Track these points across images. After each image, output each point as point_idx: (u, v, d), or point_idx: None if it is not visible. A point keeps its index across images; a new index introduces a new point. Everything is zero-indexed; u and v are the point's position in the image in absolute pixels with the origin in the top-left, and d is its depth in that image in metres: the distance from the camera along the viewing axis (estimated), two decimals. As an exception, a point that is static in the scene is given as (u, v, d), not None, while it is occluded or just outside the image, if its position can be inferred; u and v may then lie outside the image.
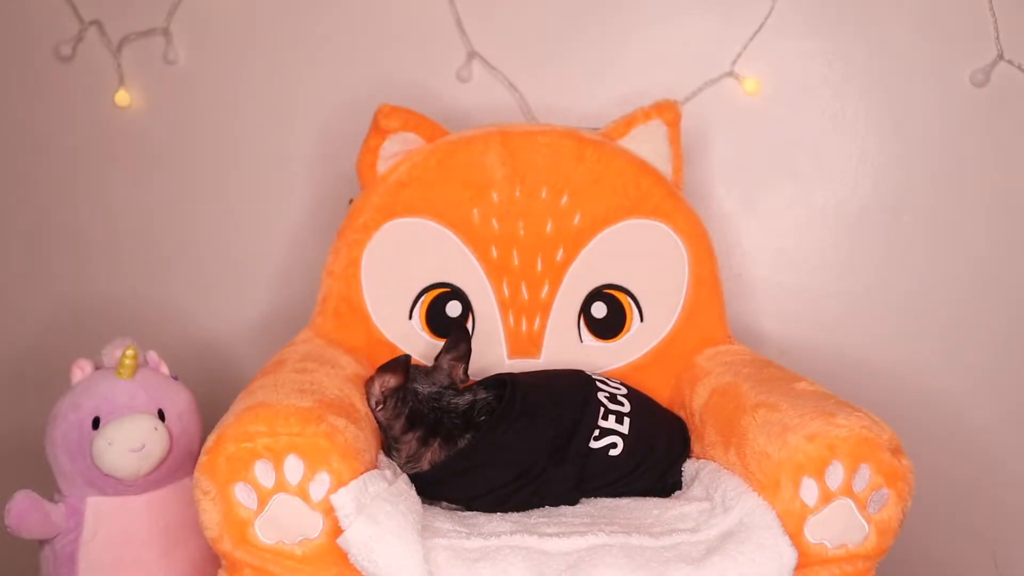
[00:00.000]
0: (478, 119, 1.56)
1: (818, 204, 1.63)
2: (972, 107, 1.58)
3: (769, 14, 1.58)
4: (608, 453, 1.17)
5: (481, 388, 1.23)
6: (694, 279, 1.37)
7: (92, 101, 1.63)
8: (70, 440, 1.22)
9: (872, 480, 1.00)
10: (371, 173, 1.37)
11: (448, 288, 1.35)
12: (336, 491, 0.96)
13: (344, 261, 1.35)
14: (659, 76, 1.60)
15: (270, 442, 0.96)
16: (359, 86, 1.60)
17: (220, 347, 1.67)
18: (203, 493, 0.97)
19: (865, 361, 1.62)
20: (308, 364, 1.17)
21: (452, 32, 1.60)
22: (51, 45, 1.61)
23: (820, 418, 1.02)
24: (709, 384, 1.24)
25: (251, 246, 1.66)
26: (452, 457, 1.15)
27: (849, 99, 1.60)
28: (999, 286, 1.62)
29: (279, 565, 0.97)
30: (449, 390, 1.21)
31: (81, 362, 1.27)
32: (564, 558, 0.97)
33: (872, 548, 1.02)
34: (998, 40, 1.55)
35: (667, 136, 1.41)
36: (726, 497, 1.05)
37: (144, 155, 1.65)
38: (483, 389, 1.23)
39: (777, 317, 1.64)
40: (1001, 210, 1.61)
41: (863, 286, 1.63)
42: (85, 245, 1.67)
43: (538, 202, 1.35)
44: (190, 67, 1.63)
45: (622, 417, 1.20)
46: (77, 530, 1.23)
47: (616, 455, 1.17)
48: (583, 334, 1.36)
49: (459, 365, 1.24)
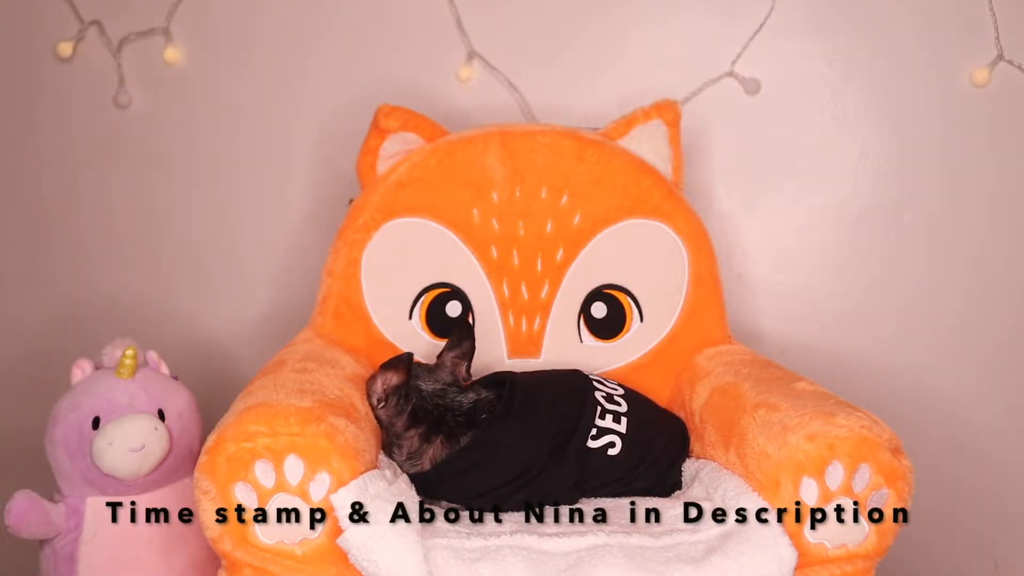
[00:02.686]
0: (478, 119, 1.56)
1: (818, 204, 1.63)
2: (972, 107, 1.58)
3: (769, 14, 1.58)
4: (607, 452, 1.17)
5: (481, 387, 1.23)
6: (694, 279, 1.37)
7: (92, 101, 1.63)
8: (70, 440, 1.22)
9: (872, 480, 1.00)
10: (371, 173, 1.37)
11: (448, 288, 1.35)
12: (336, 491, 0.96)
13: (344, 261, 1.35)
14: (659, 76, 1.60)
15: (270, 442, 0.96)
16: (359, 86, 1.60)
17: (220, 347, 1.67)
18: (203, 493, 0.97)
19: (865, 361, 1.62)
20: (308, 364, 1.17)
21: (452, 32, 1.60)
22: (51, 45, 1.61)
23: (820, 418, 1.02)
24: (709, 384, 1.24)
25: (251, 246, 1.67)
26: (453, 456, 1.15)
27: (849, 99, 1.60)
28: (999, 286, 1.62)
29: (279, 565, 0.97)
30: (453, 387, 1.21)
31: (81, 362, 1.27)
32: (564, 558, 0.97)
33: (872, 548, 1.02)
34: (998, 40, 1.55)
35: (667, 136, 1.41)
36: (726, 497, 1.05)
37: (144, 155, 1.65)
38: (483, 388, 1.23)
39: (777, 317, 1.64)
40: (1001, 210, 1.61)
41: (863, 286, 1.63)
42: (85, 245, 1.67)
43: (538, 202, 1.35)
44: (190, 67, 1.63)
45: (619, 417, 1.20)
46: (77, 530, 1.23)
47: (615, 454, 1.18)
48: (583, 334, 1.36)
49: (462, 363, 1.24)
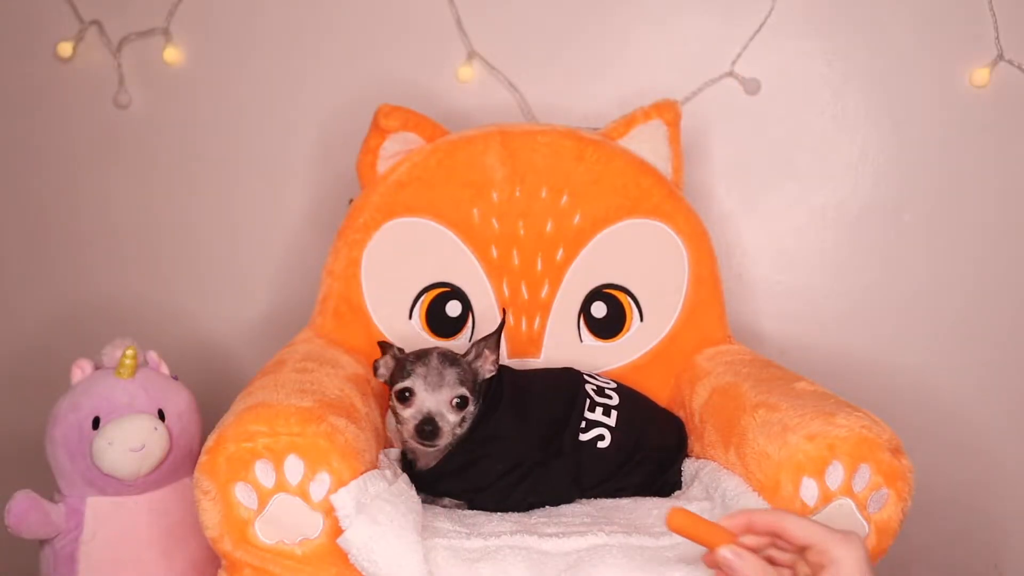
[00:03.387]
0: (478, 119, 1.56)
1: (818, 204, 1.63)
2: (972, 107, 1.58)
3: (769, 14, 1.58)
4: (596, 445, 1.18)
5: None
6: (694, 279, 1.37)
7: (92, 101, 1.63)
8: (70, 440, 1.22)
9: (872, 480, 1.00)
10: (371, 173, 1.37)
11: (448, 288, 1.35)
12: (336, 491, 0.96)
13: (344, 261, 1.35)
14: (659, 76, 1.60)
15: (270, 442, 0.96)
16: (359, 86, 1.60)
17: (220, 347, 1.67)
18: (203, 493, 0.97)
19: (865, 361, 1.62)
20: (308, 364, 1.17)
21: (452, 32, 1.60)
22: (51, 45, 1.61)
23: (820, 418, 1.02)
24: (709, 384, 1.24)
25: (251, 246, 1.67)
26: (450, 452, 1.15)
27: (849, 99, 1.60)
28: (999, 286, 1.62)
29: (279, 565, 0.97)
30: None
31: (81, 362, 1.27)
32: (564, 558, 0.97)
33: (872, 548, 1.02)
34: (998, 40, 1.55)
35: (667, 136, 1.41)
36: (726, 497, 1.05)
37: (144, 155, 1.65)
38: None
39: (777, 317, 1.64)
40: (1001, 210, 1.61)
41: (863, 286, 1.63)
42: (85, 245, 1.67)
43: (538, 202, 1.35)
44: (190, 67, 1.63)
45: (609, 410, 1.20)
46: (77, 530, 1.23)
47: (604, 447, 1.18)
48: (583, 334, 1.36)
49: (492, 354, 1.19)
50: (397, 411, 1.12)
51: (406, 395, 1.11)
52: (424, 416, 1.09)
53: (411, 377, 1.11)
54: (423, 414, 1.09)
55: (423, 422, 1.09)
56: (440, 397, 1.10)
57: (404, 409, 1.11)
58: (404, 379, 1.11)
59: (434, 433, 1.09)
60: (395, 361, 1.16)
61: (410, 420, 1.10)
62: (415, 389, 1.10)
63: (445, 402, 1.11)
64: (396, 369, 1.14)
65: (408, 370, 1.12)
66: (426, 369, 1.11)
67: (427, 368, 1.11)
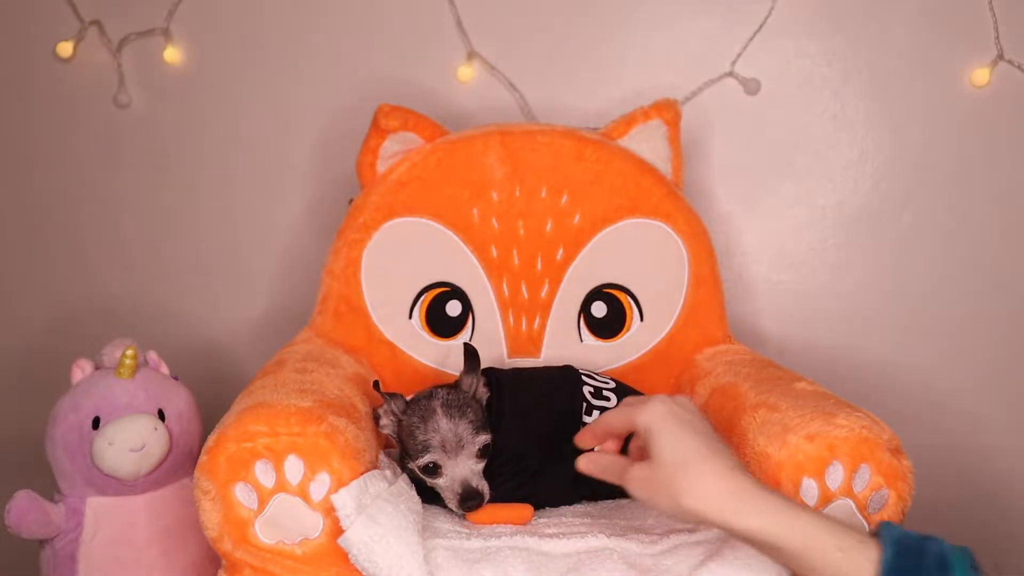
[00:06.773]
0: (478, 119, 1.56)
1: (818, 204, 1.63)
2: (972, 107, 1.58)
3: (769, 14, 1.58)
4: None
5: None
6: (694, 279, 1.37)
7: (92, 101, 1.63)
8: (70, 440, 1.22)
9: (872, 480, 1.00)
10: (371, 173, 1.37)
11: (448, 287, 1.35)
12: (336, 491, 0.96)
13: (344, 261, 1.35)
14: (659, 76, 1.60)
15: (270, 442, 0.96)
16: (359, 86, 1.60)
17: (220, 347, 1.67)
18: (203, 493, 0.97)
19: (865, 361, 1.62)
20: (308, 364, 1.17)
21: (452, 32, 1.60)
22: (51, 45, 1.61)
23: (820, 418, 1.02)
24: (709, 384, 1.25)
25: (251, 246, 1.67)
26: None
27: (849, 99, 1.60)
28: (999, 286, 1.62)
29: (279, 565, 0.97)
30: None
31: (81, 362, 1.27)
32: (564, 559, 0.97)
33: (872, 548, 1.02)
34: (998, 40, 1.55)
35: (667, 136, 1.41)
36: (726, 497, 1.05)
37: (144, 155, 1.65)
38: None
39: (777, 317, 1.64)
40: (1001, 210, 1.61)
41: (863, 286, 1.64)
42: (85, 245, 1.67)
43: (538, 202, 1.36)
44: (190, 67, 1.63)
45: None
46: (77, 530, 1.23)
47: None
48: (583, 333, 1.36)
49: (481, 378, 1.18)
50: (425, 481, 1.09)
51: (431, 468, 1.08)
52: (464, 489, 1.06)
53: (430, 451, 1.07)
54: (460, 485, 1.06)
55: (465, 496, 1.06)
56: (466, 461, 1.07)
57: (435, 479, 1.08)
58: (423, 454, 1.07)
59: (478, 496, 1.06)
60: (398, 423, 1.12)
61: (447, 491, 1.08)
62: (439, 462, 1.07)
63: (472, 458, 1.08)
64: (405, 434, 1.10)
65: (422, 442, 1.07)
66: (440, 436, 1.07)
67: (440, 433, 1.07)
